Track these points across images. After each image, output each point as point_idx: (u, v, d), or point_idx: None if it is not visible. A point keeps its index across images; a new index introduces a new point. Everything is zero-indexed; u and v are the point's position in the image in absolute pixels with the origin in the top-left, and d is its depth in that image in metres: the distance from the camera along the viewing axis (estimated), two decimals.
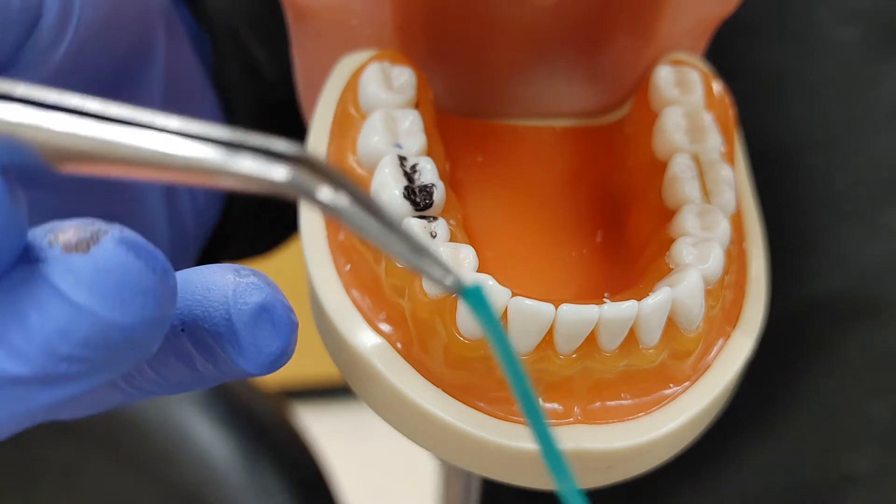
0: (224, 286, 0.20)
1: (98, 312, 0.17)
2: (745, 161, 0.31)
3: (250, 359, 0.20)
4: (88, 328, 0.17)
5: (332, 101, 0.29)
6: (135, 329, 0.17)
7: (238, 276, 0.20)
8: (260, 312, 0.20)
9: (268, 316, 0.20)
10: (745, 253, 0.29)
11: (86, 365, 0.17)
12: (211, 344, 0.20)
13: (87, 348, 0.17)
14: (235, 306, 0.20)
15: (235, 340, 0.20)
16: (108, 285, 0.17)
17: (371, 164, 0.26)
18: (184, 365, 0.21)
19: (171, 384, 0.21)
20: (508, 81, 0.32)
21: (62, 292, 0.17)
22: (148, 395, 0.22)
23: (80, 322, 0.17)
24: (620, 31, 0.31)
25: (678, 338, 0.25)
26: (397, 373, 0.25)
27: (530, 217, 0.30)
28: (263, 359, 0.20)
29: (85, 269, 0.17)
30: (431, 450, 0.25)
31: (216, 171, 0.17)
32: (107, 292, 0.17)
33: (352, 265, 0.26)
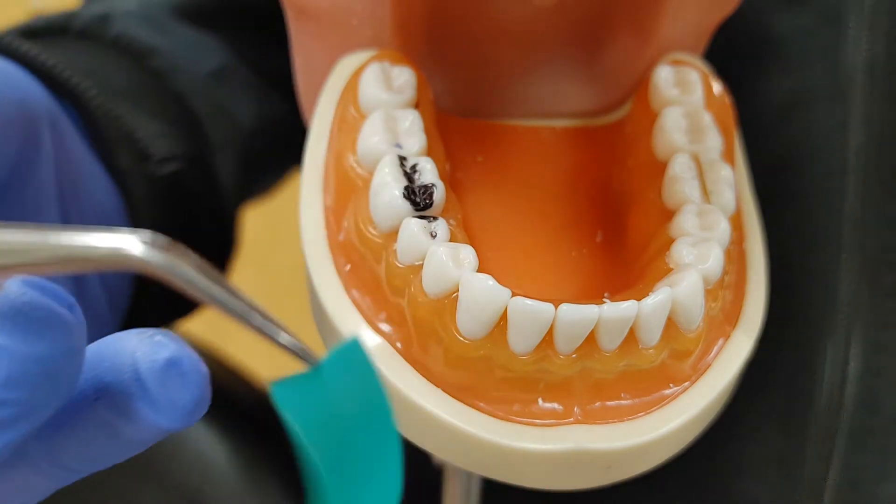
0: (131, 348, 0.20)
1: (15, 349, 0.18)
2: (744, 161, 0.31)
3: (166, 414, 0.20)
4: (7, 366, 0.18)
5: (332, 101, 0.29)
6: (53, 360, 0.18)
7: (143, 336, 0.21)
8: (168, 367, 0.20)
9: (176, 369, 0.20)
10: (744, 253, 0.29)
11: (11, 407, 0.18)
12: (126, 407, 0.20)
13: (9, 388, 0.18)
14: (144, 364, 0.20)
15: (149, 398, 0.20)
16: (21, 321, 0.18)
17: (371, 164, 0.26)
18: (104, 436, 0.21)
19: (97, 459, 0.21)
20: (508, 81, 0.32)
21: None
22: (77, 474, 0.22)
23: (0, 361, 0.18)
24: (620, 31, 0.31)
25: (678, 338, 0.25)
26: (397, 373, 0.25)
27: (530, 217, 0.29)
28: (178, 412, 0.20)
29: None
30: (431, 450, 0.25)
31: None
32: (19, 328, 0.18)
33: (352, 265, 0.26)
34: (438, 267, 0.24)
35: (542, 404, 0.25)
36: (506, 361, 0.24)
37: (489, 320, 0.24)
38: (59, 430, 0.21)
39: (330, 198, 0.28)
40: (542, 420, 0.24)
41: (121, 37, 0.38)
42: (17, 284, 0.18)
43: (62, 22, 0.38)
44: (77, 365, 0.19)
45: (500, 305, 0.23)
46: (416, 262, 0.25)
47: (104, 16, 0.39)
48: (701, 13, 0.30)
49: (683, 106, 0.29)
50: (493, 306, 0.23)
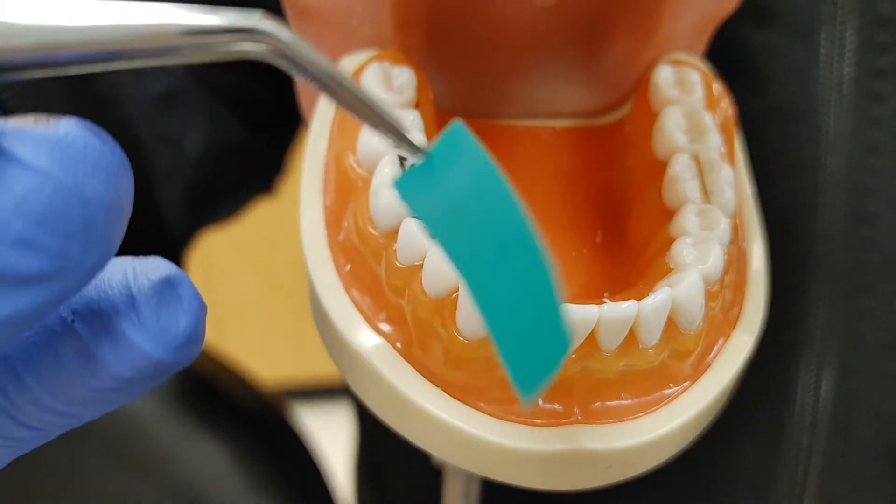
0: (122, 265, 0.18)
1: (61, 179, 0.15)
2: (744, 161, 0.31)
3: (156, 339, 0.18)
4: (48, 197, 0.15)
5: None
6: (96, 208, 0.16)
7: (137, 258, 0.19)
8: (164, 286, 0.18)
9: (172, 291, 0.18)
10: (744, 253, 0.29)
11: (39, 257, 0.15)
12: (110, 329, 0.18)
13: (43, 227, 0.15)
14: (136, 281, 0.18)
15: (138, 318, 0.18)
16: (73, 154, 0.16)
17: (371, 164, 0.26)
18: (81, 368, 0.18)
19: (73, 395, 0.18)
20: (509, 81, 0.32)
21: (19, 157, 0.15)
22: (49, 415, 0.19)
23: (40, 190, 0.15)
24: (620, 31, 0.31)
25: (678, 338, 0.25)
26: (397, 373, 0.25)
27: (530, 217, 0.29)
28: (170, 339, 0.18)
29: (47, 137, 0.16)
30: (431, 450, 0.25)
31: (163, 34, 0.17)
32: (71, 160, 0.16)
33: (352, 265, 0.26)
34: (438, 267, 0.24)
35: (541, 404, 0.25)
36: None
37: None
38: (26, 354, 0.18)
39: (330, 198, 0.28)
40: (541, 420, 0.24)
41: None
42: (73, 122, 0.16)
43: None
44: (118, 231, 0.16)
45: None
46: (416, 262, 0.25)
47: None
48: (701, 13, 0.30)
49: (683, 106, 0.29)
50: None
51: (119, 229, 0.17)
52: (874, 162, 0.34)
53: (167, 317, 0.18)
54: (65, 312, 0.18)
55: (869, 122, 0.34)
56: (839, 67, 0.34)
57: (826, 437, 0.35)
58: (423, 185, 0.19)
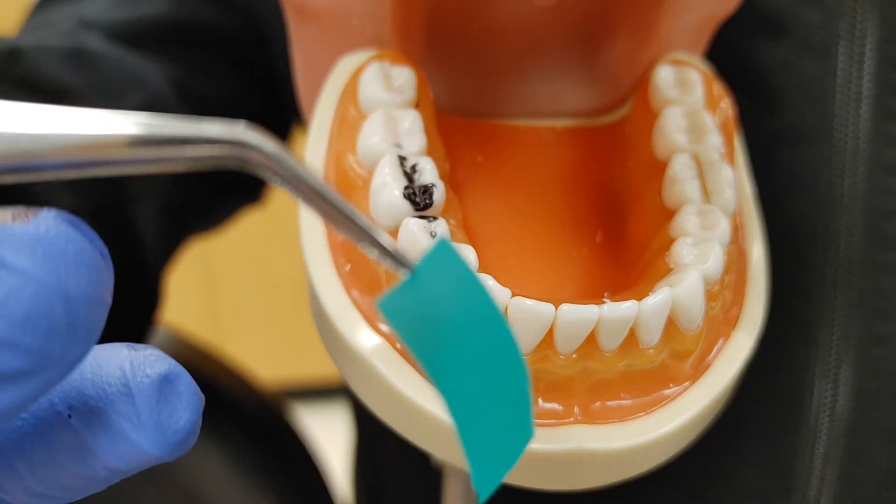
0: (119, 360, 0.18)
1: (42, 278, 0.15)
2: (745, 161, 0.31)
3: (154, 438, 0.18)
4: (30, 298, 0.15)
5: (332, 101, 0.29)
6: (78, 305, 0.16)
7: (133, 350, 0.18)
8: (163, 382, 0.18)
9: (171, 388, 0.18)
10: (745, 253, 0.29)
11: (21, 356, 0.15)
12: (107, 426, 0.18)
13: (25, 328, 0.15)
14: (135, 378, 0.18)
15: (136, 417, 0.18)
16: (54, 251, 0.15)
17: (371, 163, 0.26)
18: (75, 460, 0.18)
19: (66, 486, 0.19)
20: (508, 81, 0.32)
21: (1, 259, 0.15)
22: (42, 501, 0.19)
23: (22, 291, 0.15)
24: (620, 31, 0.31)
25: (678, 338, 0.25)
26: (397, 373, 0.25)
27: (530, 217, 0.29)
28: (170, 436, 0.18)
29: (27, 235, 0.15)
30: (431, 449, 0.25)
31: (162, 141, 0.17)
32: (52, 258, 0.15)
33: (352, 265, 0.26)
34: None
35: (542, 404, 0.25)
36: None
37: None
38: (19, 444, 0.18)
39: None
40: (542, 420, 0.24)
41: (30, 76, 0.35)
42: (53, 215, 0.16)
43: None
44: (99, 324, 0.16)
45: (500, 305, 0.23)
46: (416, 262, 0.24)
47: (13, 51, 0.35)
48: (701, 12, 0.30)
49: (684, 106, 0.29)
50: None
51: (100, 321, 0.16)
52: (891, 183, 0.33)
53: (167, 414, 0.18)
54: (60, 406, 0.18)
55: (888, 142, 0.33)
56: (857, 84, 0.33)
57: (840, 462, 0.34)
58: (407, 303, 0.19)
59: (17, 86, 0.34)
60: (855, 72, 0.33)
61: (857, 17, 0.33)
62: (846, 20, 0.33)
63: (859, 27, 0.33)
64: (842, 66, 0.33)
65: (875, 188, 0.33)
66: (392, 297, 0.19)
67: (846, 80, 0.33)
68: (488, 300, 0.19)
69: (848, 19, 0.33)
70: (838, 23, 0.33)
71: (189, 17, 0.43)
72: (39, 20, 0.43)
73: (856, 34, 0.33)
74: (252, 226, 0.54)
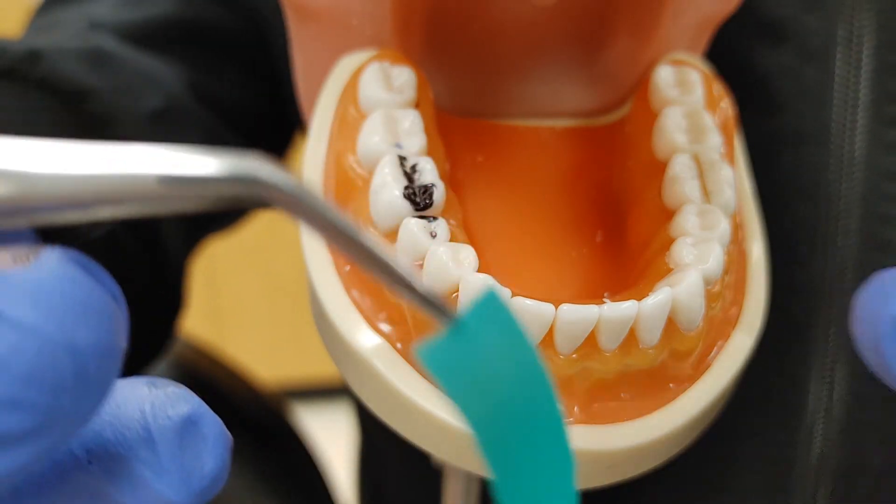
0: (139, 400, 0.17)
1: (46, 332, 0.14)
2: (745, 161, 0.31)
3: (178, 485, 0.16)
4: (34, 354, 0.14)
5: (332, 101, 0.29)
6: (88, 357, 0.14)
7: (154, 388, 0.17)
8: (187, 426, 0.17)
9: (195, 430, 0.17)
10: (745, 253, 0.29)
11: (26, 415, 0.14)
12: (128, 474, 0.17)
13: (30, 386, 0.14)
14: (156, 421, 0.16)
15: (158, 464, 0.16)
16: (59, 300, 0.14)
17: (371, 164, 0.26)
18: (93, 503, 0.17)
19: None
20: (508, 81, 0.32)
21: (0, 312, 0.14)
22: None
23: (24, 347, 0.14)
24: (620, 31, 0.31)
25: (678, 338, 0.25)
26: (397, 373, 0.25)
27: (530, 217, 0.29)
28: (195, 483, 0.17)
29: (28, 282, 0.14)
30: (431, 450, 0.25)
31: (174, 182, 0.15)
32: (57, 308, 0.14)
33: (352, 265, 0.26)
34: (438, 267, 0.24)
35: None
36: None
37: None
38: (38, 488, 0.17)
39: (330, 198, 0.28)
40: None
41: (49, 77, 0.34)
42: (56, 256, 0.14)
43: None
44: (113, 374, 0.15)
45: None
46: (416, 262, 0.24)
47: (34, 52, 0.34)
48: (701, 13, 0.30)
49: (684, 106, 0.29)
50: None
51: (114, 369, 0.15)
52: (890, 188, 0.33)
53: (191, 459, 0.17)
54: (79, 451, 0.17)
55: (885, 147, 0.33)
56: (855, 90, 0.33)
57: (836, 462, 0.34)
58: (450, 353, 0.18)
59: (36, 87, 0.34)
60: (853, 77, 0.33)
61: (855, 24, 0.33)
62: (844, 26, 0.33)
63: (857, 33, 0.33)
64: (839, 72, 0.33)
65: (872, 193, 0.33)
66: (434, 348, 0.18)
67: (844, 86, 0.33)
68: (534, 355, 0.19)
69: (846, 25, 0.33)
70: (837, 28, 0.33)
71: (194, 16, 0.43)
72: (46, 21, 0.42)
73: (853, 40, 0.33)
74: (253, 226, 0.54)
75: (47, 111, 0.34)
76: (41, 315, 0.14)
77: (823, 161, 0.33)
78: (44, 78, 0.34)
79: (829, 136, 0.33)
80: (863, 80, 0.33)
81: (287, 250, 1.41)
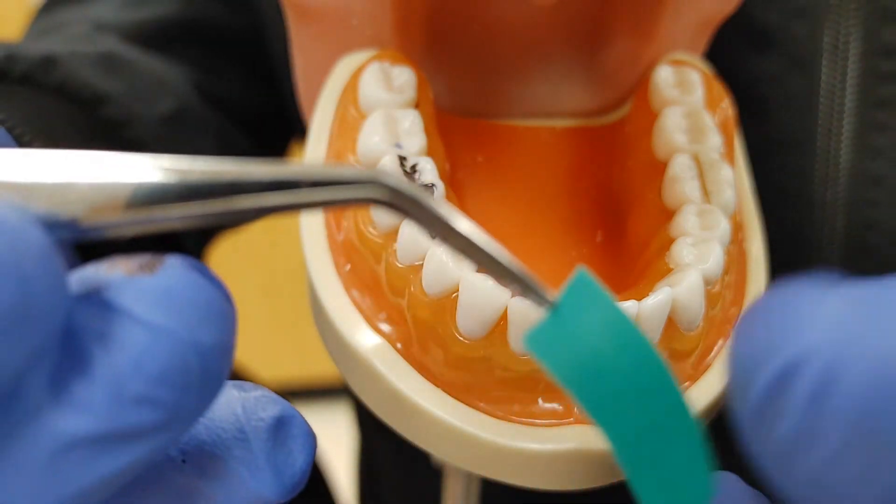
0: (231, 403, 0.18)
1: (178, 332, 0.15)
2: (745, 161, 0.31)
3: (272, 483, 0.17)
4: (167, 354, 0.15)
5: (332, 102, 0.29)
6: (212, 355, 0.15)
7: (243, 392, 0.18)
8: (278, 426, 0.18)
9: (287, 430, 0.18)
10: (745, 253, 0.29)
11: (157, 411, 0.15)
12: (221, 472, 0.18)
13: (162, 384, 0.15)
14: (249, 423, 0.18)
15: (253, 463, 0.17)
16: (186, 303, 0.15)
17: (371, 163, 0.26)
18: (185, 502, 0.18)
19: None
20: (508, 81, 0.32)
21: (135, 314, 0.15)
22: None
23: (158, 347, 0.15)
24: (620, 30, 0.31)
25: (678, 338, 0.25)
26: (397, 373, 0.25)
27: (530, 217, 0.29)
28: (287, 479, 0.18)
29: (159, 287, 0.15)
30: (431, 450, 0.25)
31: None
32: (185, 310, 0.15)
33: (352, 265, 0.26)
34: (438, 267, 0.24)
35: (541, 404, 0.25)
36: (506, 361, 0.24)
37: (489, 320, 0.24)
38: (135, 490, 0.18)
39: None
40: (542, 420, 0.24)
41: (66, 83, 0.35)
42: (179, 263, 0.16)
43: (1, 64, 0.34)
44: (227, 371, 0.16)
45: (500, 306, 0.23)
46: (416, 262, 0.24)
47: (49, 59, 0.35)
48: (701, 13, 0.30)
49: (683, 106, 0.29)
50: (493, 306, 0.23)
51: (229, 367, 0.16)
52: (874, 194, 0.33)
53: (283, 458, 0.18)
54: (174, 452, 0.18)
55: (870, 153, 0.33)
56: (840, 97, 0.33)
57: None
58: (555, 338, 0.18)
59: (52, 93, 0.34)
60: (838, 84, 0.33)
61: (841, 31, 0.33)
62: (830, 33, 0.33)
63: (843, 40, 0.33)
64: (825, 79, 0.33)
65: (857, 199, 0.33)
66: (537, 333, 0.18)
67: (830, 93, 0.33)
68: (636, 333, 0.19)
69: (832, 33, 0.33)
70: (823, 36, 0.33)
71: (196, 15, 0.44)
72: (48, 23, 0.43)
73: (839, 47, 0.33)
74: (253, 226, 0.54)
75: (63, 117, 0.34)
76: (172, 318, 0.15)
77: (809, 167, 0.33)
78: (60, 84, 0.34)
79: (815, 143, 0.33)
80: (848, 86, 0.33)
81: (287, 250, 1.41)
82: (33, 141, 0.30)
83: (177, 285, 0.15)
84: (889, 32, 0.32)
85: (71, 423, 0.14)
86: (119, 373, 0.15)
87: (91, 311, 0.15)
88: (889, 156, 0.33)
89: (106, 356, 0.15)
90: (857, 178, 0.33)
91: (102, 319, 0.15)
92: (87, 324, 0.15)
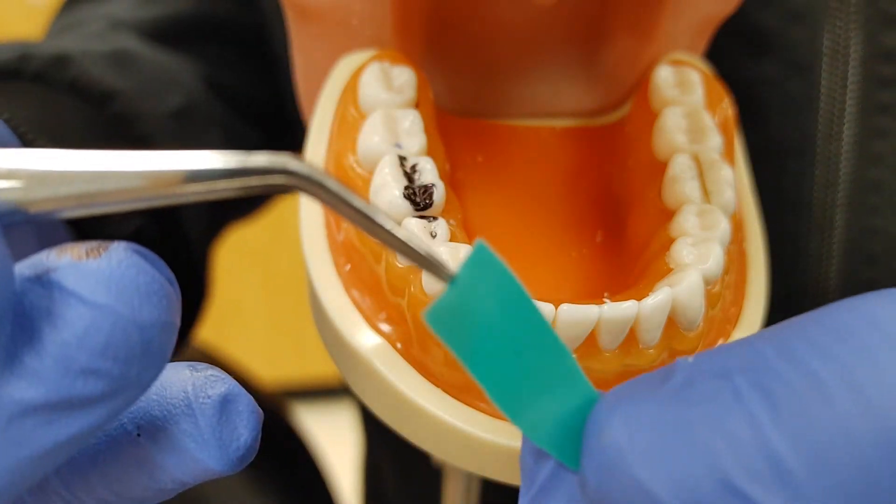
0: (182, 381, 0.20)
1: (119, 310, 0.17)
2: (745, 161, 0.31)
3: (218, 455, 0.19)
4: (109, 329, 0.16)
5: (332, 102, 0.29)
6: (152, 331, 0.17)
7: (195, 371, 0.20)
8: (224, 403, 0.19)
9: (233, 406, 0.19)
10: (745, 253, 0.29)
11: (102, 381, 0.17)
12: (173, 444, 0.19)
13: (105, 357, 0.17)
14: (197, 399, 0.19)
15: (200, 436, 0.19)
16: (127, 284, 0.17)
17: (371, 164, 0.26)
18: (145, 473, 0.20)
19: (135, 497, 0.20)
20: (508, 81, 0.32)
21: (79, 295, 0.17)
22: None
23: (101, 323, 0.16)
24: (620, 30, 0.31)
25: (678, 338, 0.25)
26: (397, 373, 0.25)
27: (530, 217, 0.29)
28: (232, 453, 0.19)
29: (102, 270, 0.17)
30: (431, 449, 0.25)
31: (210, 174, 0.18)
32: (126, 290, 0.17)
33: (352, 265, 0.26)
34: None
35: None
36: None
37: None
38: (95, 464, 0.20)
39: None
40: None
41: (79, 80, 0.36)
42: (124, 248, 0.17)
43: (15, 63, 0.35)
44: (170, 347, 0.18)
45: None
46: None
47: (61, 57, 0.36)
48: (701, 12, 0.30)
49: (683, 106, 0.29)
50: None
51: (172, 342, 0.18)
52: (875, 200, 0.33)
53: (228, 432, 0.19)
54: (130, 426, 0.20)
55: (870, 159, 0.33)
56: (841, 102, 0.33)
57: None
58: (452, 312, 0.19)
59: (65, 91, 0.35)
60: (839, 89, 0.33)
61: (841, 35, 0.33)
62: (830, 37, 0.33)
63: (843, 44, 0.33)
64: (825, 84, 0.33)
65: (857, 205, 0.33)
66: (436, 308, 0.19)
67: (830, 98, 0.33)
68: (528, 300, 0.19)
69: (832, 37, 0.33)
70: (822, 40, 0.33)
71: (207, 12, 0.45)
72: (68, 21, 0.43)
73: (839, 51, 0.33)
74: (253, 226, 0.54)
75: (75, 114, 0.35)
76: (113, 297, 0.17)
77: (808, 173, 0.33)
78: (72, 82, 0.35)
79: (815, 148, 0.33)
80: (849, 91, 0.33)
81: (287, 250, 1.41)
82: (37, 139, 0.31)
83: (118, 268, 0.17)
84: (890, 36, 0.32)
85: (25, 391, 0.16)
86: (66, 346, 0.16)
87: (41, 291, 0.17)
88: (889, 162, 0.33)
89: (53, 332, 0.16)
90: (857, 184, 0.33)
91: (51, 299, 0.17)
92: (37, 303, 0.17)
